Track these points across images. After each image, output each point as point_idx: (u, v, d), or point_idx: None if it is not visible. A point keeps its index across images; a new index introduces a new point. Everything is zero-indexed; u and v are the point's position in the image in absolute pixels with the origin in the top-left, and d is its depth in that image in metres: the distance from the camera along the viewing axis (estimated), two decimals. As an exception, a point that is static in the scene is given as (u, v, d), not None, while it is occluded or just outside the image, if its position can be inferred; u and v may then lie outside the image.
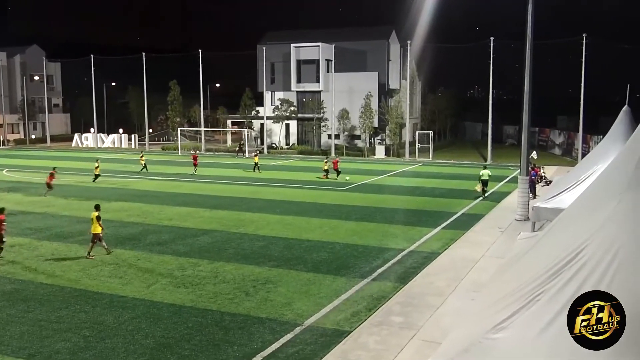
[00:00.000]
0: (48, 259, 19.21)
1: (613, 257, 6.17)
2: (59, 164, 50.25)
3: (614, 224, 6.44)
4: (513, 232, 21.35)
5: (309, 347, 12.33)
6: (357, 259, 19.31)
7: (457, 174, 43.81)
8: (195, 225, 24.47)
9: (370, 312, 14.30)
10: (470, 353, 6.22)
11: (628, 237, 6.25)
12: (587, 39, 50.41)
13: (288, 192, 33.98)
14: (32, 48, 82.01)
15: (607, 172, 7.53)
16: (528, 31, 24.70)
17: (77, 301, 15.17)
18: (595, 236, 6.47)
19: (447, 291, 15.77)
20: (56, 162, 51.45)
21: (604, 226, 6.49)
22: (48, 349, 12.24)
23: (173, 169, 46.49)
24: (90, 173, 39.23)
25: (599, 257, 6.25)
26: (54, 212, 27.30)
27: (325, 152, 57.60)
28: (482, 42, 54.93)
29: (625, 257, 6.13)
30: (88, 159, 55.08)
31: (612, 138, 18.82)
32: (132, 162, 50.03)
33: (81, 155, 60.48)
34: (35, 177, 39.99)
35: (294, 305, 14.89)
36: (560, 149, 61.14)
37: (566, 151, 58.69)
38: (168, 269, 18.03)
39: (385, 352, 11.98)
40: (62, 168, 46.26)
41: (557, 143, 62.80)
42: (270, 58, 66.02)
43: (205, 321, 13.82)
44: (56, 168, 34.77)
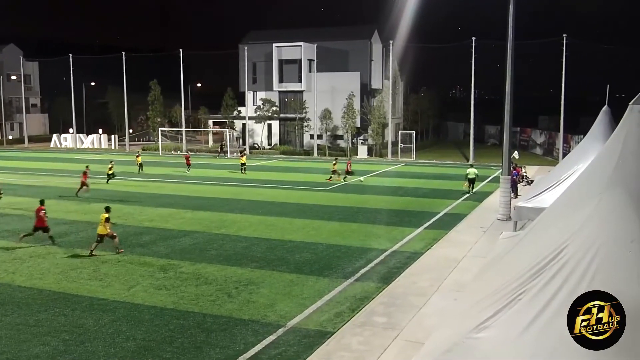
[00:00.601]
0: (26, 261, 18.96)
1: (594, 256, 6.23)
2: (38, 165, 49.76)
3: (594, 223, 6.51)
4: (495, 231, 21.50)
5: (292, 349, 12.32)
6: (340, 259, 19.32)
7: (439, 174, 44.06)
8: (177, 226, 24.32)
9: (353, 313, 14.32)
10: (453, 353, 6.25)
11: (608, 236, 6.32)
12: (567, 40, 50.98)
13: (270, 193, 33.92)
14: (9, 47, 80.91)
15: (588, 172, 7.62)
16: (509, 32, 24.91)
17: (56, 304, 14.98)
18: (576, 235, 6.54)
19: (430, 291, 15.84)
20: (34, 163, 50.94)
21: (585, 225, 6.56)
22: (26, 354, 12.07)
23: (154, 169, 46.13)
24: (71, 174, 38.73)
25: (580, 256, 6.31)
26: (31, 214, 26.93)
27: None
28: (464, 42, 55.31)
29: (605, 256, 6.20)
30: (67, 160, 54.56)
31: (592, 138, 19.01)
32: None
33: (60, 156, 59.83)
34: (13, 179, 39.46)
35: (276, 306, 14.86)
36: (542, 148, 61.77)
37: (547, 151, 59.31)
38: (149, 271, 17.89)
39: (368, 352, 12.00)
40: (41, 169, 45.80)
41: (539, 143, 63.45)
42: (252, 58, 65.86)
43: (187, 323, 13.74)
44: (89, 166, 34.99)
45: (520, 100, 28.41)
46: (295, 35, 65.62)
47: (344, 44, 65.42)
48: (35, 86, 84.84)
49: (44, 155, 60.07)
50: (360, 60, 65.69)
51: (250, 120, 64.94)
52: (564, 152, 48.17)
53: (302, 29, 71.12)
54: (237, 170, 43.23)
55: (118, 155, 60.69)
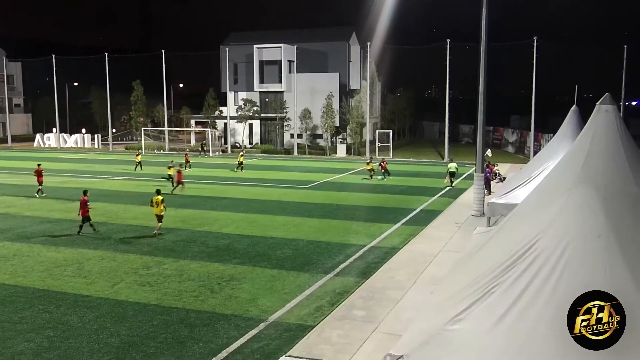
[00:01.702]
0: (10, 259, 18.69)
1: (563, 250, 6.29)
2: (21, 164, 49.00)
3: (563, 218, 6.58)
4: (469, 227, 21.67)
5: (274, 342, 12.31)
6: (320, 255, 19.35)
7: (416, 172, 44.28)
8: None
9: (333, 307, 14.35)
10: (430, 345, 6.28)
11: (577, 231, 6.40)
12: (537, 42, 51.54)
13: (252, 191, 33.83)
14: (-8, 47, 79.63)
15: (557, 169, 7.69)
16: (482, 34, 25.10)
17: (40, 301, 14.80)
18: (547, 230, 6.60)
19: (407, 285, 15.93)
20: (18, 162, 50.15)
21: (555, 221, 6.63)
22: (11, 350, 11.91)
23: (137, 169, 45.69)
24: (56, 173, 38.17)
25: (550, 250, 6.37)
26: (15, 213, 26.58)
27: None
28: (439, 44, 55.60)
29: (574, 250, 6.26)
30: (51, 159, 53.78)
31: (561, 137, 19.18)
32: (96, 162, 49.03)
33: (43, 155, 58.92)
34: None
35: (258, 301, 14.84)
36: (514, 147, 62.40)
37: (519, 149, 59.93)
38: (133, 268, 17.75)
39: (348, 345, 12.04)
40: (25, 168, 45.09)
41: (511, 141, 64.07)
42: (233, 59, 65.62)
43: (171, 319, 13.66)
44: (178, 163, 35.71)
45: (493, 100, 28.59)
46: (275, 37, 65.50)
47: (323, 46, 65.48)
48: (18, 86, 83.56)
49: (27, 155, 59.16)
50: (339, 62, 65.78)
51: (232, 120, 64.66)
52: (535, 150, 48.71)
53: (282, 31, 70.98)
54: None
55: (101, 155, 60.04)
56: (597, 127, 6.97)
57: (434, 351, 6.18)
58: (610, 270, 6.03)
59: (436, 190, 34.01)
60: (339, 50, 65.97)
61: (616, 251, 6.13)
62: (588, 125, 7.14)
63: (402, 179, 39.46)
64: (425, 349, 6.23)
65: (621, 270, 6.02)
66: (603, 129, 6.91)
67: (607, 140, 6.83)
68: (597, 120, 7.01)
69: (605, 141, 6.83)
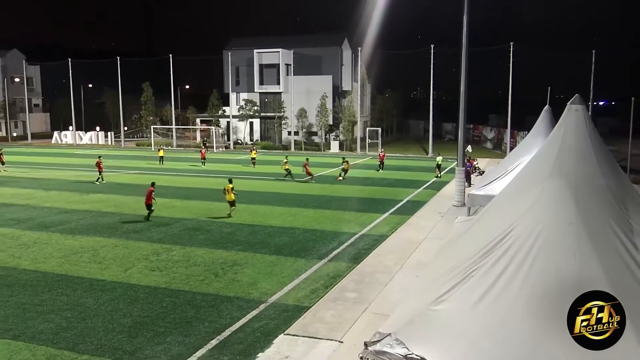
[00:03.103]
0: (30, 247, 18.64)
1: (537, 237, 6.31)
2: (40, 159, 48.76)
3: (537, 208, 6.60)
4: (451, 216, 21.73)
5: (273, 322, 12.33)
6: (315, 242, 19.36)
7: (402, 166, 44.32)
8: (169, 214, 24.11)
9: (327, 289, 14.38)
10: (415, 323, 6.30)
11: (549, 220, 6.42)
12: (514, 47, 51.59)
13: (253, 183, 33.77)
14: (12, 52, 79.00)
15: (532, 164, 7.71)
16: (463, 40, 25.09)
17: (58, 285, 14.78)
18: (522, 219, 6.62)
19: (394, 269, 15.97)
20: (37, 158, 49.90)
21: (529, 210, 6.65)
22: (32, 330, 11.89)
23: (147, 163, 45.56)
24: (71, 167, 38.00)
25: (525, 237, 6.39)
26: (35, 204, 26.48)
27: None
28: (424, 49, 55.53)
29: (547, 237, 6.29)
30: (67, 155, 53.56)
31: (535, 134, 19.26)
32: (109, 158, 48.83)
33: (61, 151, 58.70)
34: (18, 172, 38.65)
35: (259, 284, 14.85)
36: (492, 143, 62.52)
37: (496, 145, 60.05)
38: (143, 254, 17.73)
39: (340, 324, 12.07)
40: (43, 163, 44.89)
41: (489, 138, 64.19)
42: (235, 62, 65.40)
43: (179, 301, 13.66)
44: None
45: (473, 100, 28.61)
46: (273, 42, 65.26)
47: (317, 50, 65.34)
48: (37, 88, 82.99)
49: (46, 151, 58.88)
50: (332, 65, 65.73)
51: (234, 118, 64.49)
52: (511, 147, 48.82)
53: (280, 36, 70.73)
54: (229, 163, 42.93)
55: (113, 151, 59.80)
56: (568, 125, 6.99)
57: (419, 329, 6.20)
58: (580, 255, 6.05)
59: (421, 182, 34.08)
60: (332, 55, 65.88)
61: (585, 238, 6.16)
62: (559, 124, 7.16)
63: (390, 173, 39.52)
64: (411, 327, 6.25)
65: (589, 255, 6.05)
66: (573, 127, 6.92)
67: (577, 137, 6.85)
68: (567, 118, 7.03)
69: (575, 138, 6.85)
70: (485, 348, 5.77)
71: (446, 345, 5.91)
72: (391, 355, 6.01)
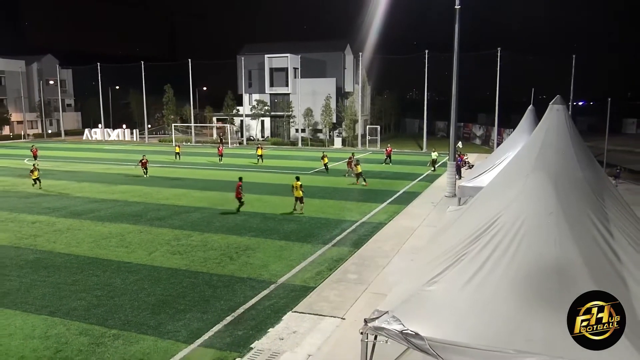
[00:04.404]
0: (64, 232, 18.75)
1: (520, 225, 6.29)
2: (72, 154, 48.92)
3: (521, 198, 6.58)
4: (443, 206, 21.69)
5: (282, 300, 12.38)
6: (320, 229, 19.38)
7: (399, 160, 44.18)
8: (188, 203, 24.18)
9: (330, 272, 14.41)
10: (410, 302, 6.31)
11: (532, 209, 6.40)
12: (501, 52, 51.27)
13: (264, 176, 33.79)
14: (47, 57, 79.11)
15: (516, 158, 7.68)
16: (455, 46, 24.94)
17: (89, 267, 14.88)
18: (507, 209, 6.60)
19: (391, 254, 15.98)
20: (70, 152, 50.06)
21: (514, 201, 6.63)
22: (66, 307, 11.99)
23: (169, 157, 45.64)
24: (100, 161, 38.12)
25: (510, 224, 6.37)
26: (69, 194, 26.60)
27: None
28: (419, 54, 55.23)
29: (530, 225, 6.27)
30: (97, 150, 53.71)
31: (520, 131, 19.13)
32: (134, 152, 48.94)
33: (91, 146, 58.88)
34: (52, 165, 38.82)
35: (269, 267, 14.90)
36: (480, 139, 62.23)
37: (485, 141, 59.78)
38: (166, 239, 17.81)
39: (342, 303, 12.10)
40: (75, 157, 45.04)
41: (478, 135, 63.89)
42: (248, 66, 65.33)
43: (197, 281, 13.73)
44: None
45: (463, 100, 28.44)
46: (282, 48, 65.07)
47: (322, 55, 65.13)
48: (69, 89, 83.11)
49: (77, 146, 59.08)
50: (336, 69, 65.51)
51: (247, 117, 64.52)
52: (498, 143, 48.57)
53: (288, 43, 70.43)
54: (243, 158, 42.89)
55: (138, 146, 59.91)
56: (550, 123, 6.95)
57: (413, 307, 6.21)
58: (560, 241, 6.04)
59: (416, 175, 34.01)
60: (335, 59, 65.64)
61: (564, 225, 6.14)
62: (542, 122, 7.13)
63: (388, 166, 39.44)
64: (406, 306, 6.26)
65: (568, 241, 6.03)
66: (555, 125, 6.89)
67: (558, 134, 6.81)
68: (549, 117, 6.99)
69: (556, 135, 6.81)
70: (472, 324, 5.77)
71: (438, 322, 5.92)
72: (388, 331, 6.03)
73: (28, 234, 18.42)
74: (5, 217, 21.22)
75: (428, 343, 5.69)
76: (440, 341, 5.68)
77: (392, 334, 5.98)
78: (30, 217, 21.03)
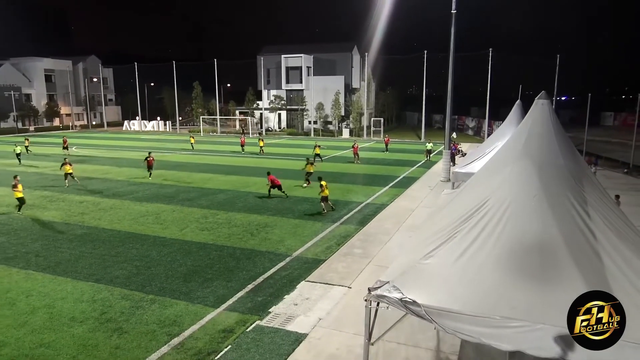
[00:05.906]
0: (108, 211, 18.99)
1: (507, 207, 6.26)
2: (114, 142, 49.28)
3: (508, 183, 6.53)
4: (439, 189, 21.60)
5: (296, 271, 12.48)
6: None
7: (400, 149, 43.93)
8: (214, 186, 24.32)
9: (339, 246, 14.47)
10: (408, 274, 6.33)
11: (517, 193, 6.36)
12: (492, 52, 50.47)
13: (281, 162, 33.80)
14: (91, 57, 79.43)
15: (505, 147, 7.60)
16: (451, 46, 24.59)
17: (129, 241, 15.09)
18: (495, 192, 6.56)
19: (393, 231, 16.00)
20: (111, 141, 50.45)
21: (501, 185, 6.58)
22: (110, 275, 12.21)
23: (197, 146, 45.80)
24: (138, 149, 38.33)
25: (497, 207, 6.34)
26: (111, 178, 26.88)
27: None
28: (418, 54, 54.49)
29: (515, 208, 6.23)
30: (135, 139, 54.02)
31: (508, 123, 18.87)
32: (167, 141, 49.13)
33: (129, 136, 59.22)
34: (97, 152, 39.17)
35: (285, 242, 14.99)
36: (472, 131, 61.53)
37: (476, 132, 59.10)
38: (195, 217, 17.97)
39: (349, 273, 12.17)
40: (116, 145, 45.37)
41: (470, 126, 63.17)
42: (267, 65, 65.00)
43: (223, 254, 13.87)
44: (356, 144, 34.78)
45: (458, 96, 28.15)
46: (297, 49, 64.56)
47: (332, 55, 64.59)
48: (110, 86, 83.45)
49: (118, 136, 59.47)
50: (344, 67, 64.97)
51: (266, 110, 64.37)
52: (488, 133, 48.04)
53: (302, 45, 69.83)
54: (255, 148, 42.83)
55: (170, 136, 60.17)
56: (535, 115, 6.85)
57: (411, 278, 6.23)
58: (542, 221, 5.99)
59: (415, 162, 33.80)
60: (344, 59, 65.09)
61: (546, 207, 6.09)
62: (528, 115, 7.03)
63: (390, 154, 39.24)
64: (405, 277, 6.28)
65: (550, 221, 5.98)
66: (539, 117, 6.79)
67: (542, 125, 6.72)
68: (535, 110, 6.89)
69: (541, 126, 6.72)
70: (462, 293, 5.78)
71: (433, 291, 5.94)
72: (389, 299, 6.06)
73: (77, 212, 18.69)
74: (57, 197, 21.53)
75: (424, 309, 5.71)
76: (434, 308, 5.70)
77: (393, 301, 6.01)
78: (78, 198, 21.30)
